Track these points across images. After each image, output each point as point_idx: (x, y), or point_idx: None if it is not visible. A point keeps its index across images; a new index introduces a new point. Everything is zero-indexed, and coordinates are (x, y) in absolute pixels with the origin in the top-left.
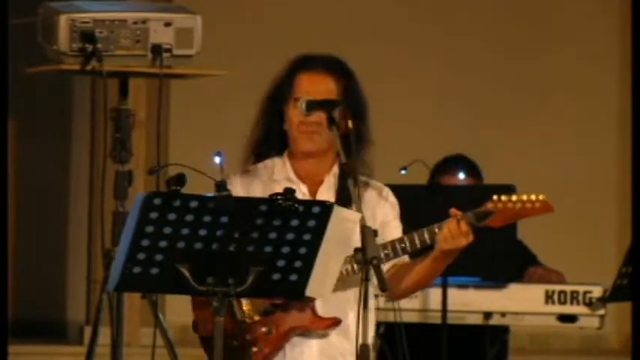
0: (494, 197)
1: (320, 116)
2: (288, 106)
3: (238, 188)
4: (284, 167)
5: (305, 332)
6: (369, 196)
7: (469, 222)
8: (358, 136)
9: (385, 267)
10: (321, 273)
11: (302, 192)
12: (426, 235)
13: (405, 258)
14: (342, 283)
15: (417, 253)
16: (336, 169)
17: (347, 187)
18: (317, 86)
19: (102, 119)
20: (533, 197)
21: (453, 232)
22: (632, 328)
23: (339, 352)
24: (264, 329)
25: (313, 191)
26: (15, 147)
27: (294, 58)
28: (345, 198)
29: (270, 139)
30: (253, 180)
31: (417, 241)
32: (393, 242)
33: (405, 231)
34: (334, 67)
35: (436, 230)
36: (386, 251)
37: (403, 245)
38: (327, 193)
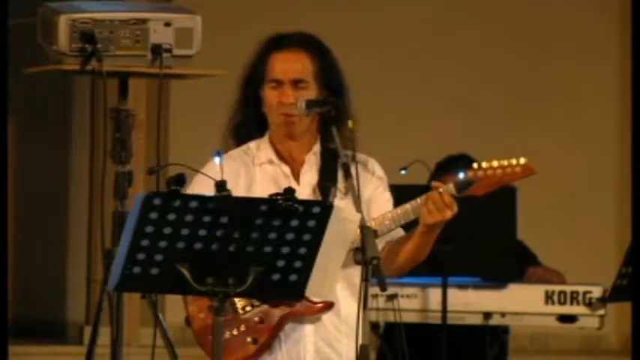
0: (474, 165)
1: (295, 96)
2: (264, 88)
3: (221, 173)
4: (266, 150)
5: (298, 318)
6: (353, 170)
7: (451, 193)
8: (339, 112)
9: (380, 245)
10: (321, 273)
11: (284, 173)
12: (410, 210)
13: (399, 232)
14: None
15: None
16: (316, 147)
17: (330, 165)
18: (292, 64)
19: (102, 119)
20: (513, 161)
21: (437, 205)
22: (632, 328)
23: (334, 331)
24: (257, 319)
25: (296, 171)
26: (15, 147)
27: (266, 38)
28: (328, 176)
29: (249, 124)
30: (239, 166)
31: (402, 218)
32: (378, 220)
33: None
34: (308, 44)
35: (419, 203)
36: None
37: (387, 222)
38: (309, 172)
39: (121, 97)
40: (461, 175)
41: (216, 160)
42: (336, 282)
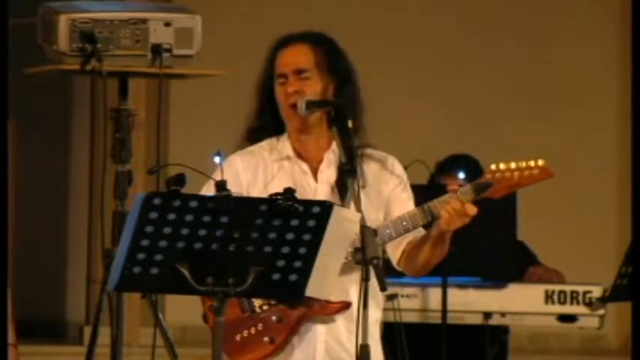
0: (492, 167)
1: (299, 85)
2: (275, 87)
3: (240, 168)
4: (284, 146)
5: (314, 318)
6: (371, 169)
7: (469, 199)
8: (339, 112)
9: (402, 247)
10: (321, 273)
11: (303, 170)
12: (428, 214)
13: (420, 231)
14: (344, 267)
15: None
16: (335, 145)
17: (347, 164)
18: (293, 57)
19: (102, 119)
20: (532, 163)
21: (458, 212)
22: (632, 328)
23: (345, 332)
24: (274, 318)
25: (314, 169)
26: (15, 147)
27: (271, 44)
28: (346, 174)
29: (266, 128)
30: (258, 162)
31: (419, 220)
32: (394, 221)
33: None
34: (310, 37)
35: (437, 207)
36: (387, 230)
37: (404, 224)
38: (327, 170)
39: (121, 97)
40: (461, 175)
41: (216, 160)
42: (335, 282)
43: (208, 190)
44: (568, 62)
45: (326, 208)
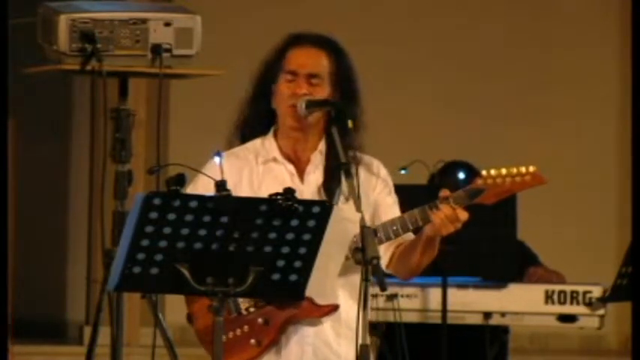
0: (484, 172)
1: (309, 89)
2: (279, 81)
3: (225, 170)
4: (270, 147)
5: (302, 321)
6: (359, 173)
7: (461, 204)
8: (339, 113)
9: (390, 250)
10: (321, 273)
11: (289, 171)
12: (419, 219)
13: (410, 235)
14: None
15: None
16: (322, 146)
17: (334, 165)
18: (309, 59)
19: (102, 119)
20: (523, 170)
21: (450, 218)
22: (632, 328)
23: (333, 335)
24: (261, 320)
25: (301, 170)
26: (15, 147)
27: (284, 37)
28: (333, 176)
29: (258, 118)
30: (243, 165)
31: (409, 225)
32: (384, 225)
33: None
34: (326, 43)
35: (428, 212)
36: (378, 234)
37: (395, 228)
38: (314, 172)
39: (121, 97)
40: (461, 176)
41: (216, 160)
42: (336, 282)
43: (199, 184)
44: (568, 64)
45: (326, 208)
